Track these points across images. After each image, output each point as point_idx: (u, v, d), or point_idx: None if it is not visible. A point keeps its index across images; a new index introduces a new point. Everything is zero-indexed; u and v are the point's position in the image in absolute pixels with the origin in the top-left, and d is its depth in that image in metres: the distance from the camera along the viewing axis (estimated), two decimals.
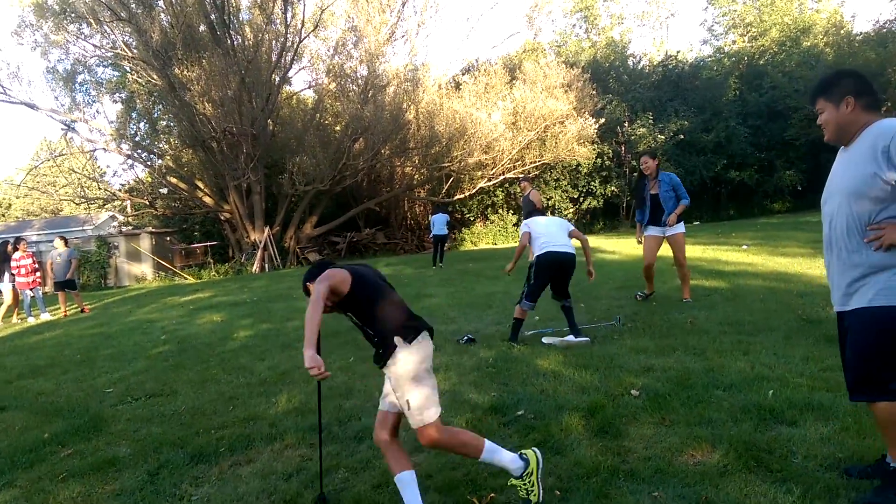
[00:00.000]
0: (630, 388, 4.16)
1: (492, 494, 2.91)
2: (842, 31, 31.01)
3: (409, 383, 2.68)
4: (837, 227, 2.53)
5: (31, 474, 3.72)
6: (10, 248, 12.94)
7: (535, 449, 2.92)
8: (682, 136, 24.88)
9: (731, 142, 25.93)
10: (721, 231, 17.77)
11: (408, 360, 2.69)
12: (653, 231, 7.21)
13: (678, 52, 31.35)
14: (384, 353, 2.72)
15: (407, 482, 2.73)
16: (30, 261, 12.74)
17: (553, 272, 5.89)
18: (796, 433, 3.22)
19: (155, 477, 3.54)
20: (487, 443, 2.82)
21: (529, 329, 6.52)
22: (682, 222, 7.14)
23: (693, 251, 11.14)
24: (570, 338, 5.64)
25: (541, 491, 2.80)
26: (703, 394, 3.93)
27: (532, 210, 7.05)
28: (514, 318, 6.02)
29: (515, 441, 3.52)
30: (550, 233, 5.98)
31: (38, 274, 13.06)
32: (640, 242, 7.48)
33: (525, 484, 2.79)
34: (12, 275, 12.70)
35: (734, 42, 34.78)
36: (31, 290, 12.60)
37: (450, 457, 3.35)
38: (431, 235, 15.70)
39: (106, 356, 7.40)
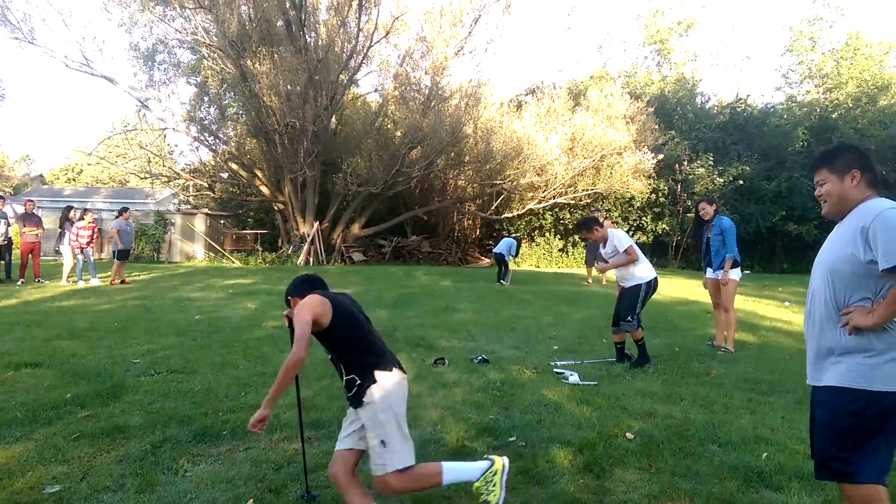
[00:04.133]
0: (626, 431, 4.19)
1: None
2: None
3: (389, 422, 2.62)
4: (817, 303, 2.53)
5: (48, 430, 3.99)
6: (73, 212, 13.69)
7: (506, 458, 2.94)
8: (741, 182, 24.35)
9: (793, 193, 25.22)
10: (768, 284, 17.34)
11: (388, 396, 2.64)
12: (710, 274, 7.43)
13: (748, 95, 30.73)
14: (361, 389, 2.66)
15: None
16: (90, 232, 13.45)
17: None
18: (778, 499, 3.21)
19: (158, 449, 3.75)
20: (444, 464, 2.83)
21: (549, 358, 6.58)
22: (738, 268, 7.27)
23: (735, 302, 10.94)
24: (576, 377, 5.65)
25: (503, 494, 2.81)
26: (697, 447, 3.93)
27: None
28: (637, 342, 6.42)
29: None
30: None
31: (94, 239, 13.80)
32: (705, 287, 7.70)
33: (486, 484, 2.79)
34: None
35: (808, 92, 33.89)
36: (81, 252, 13.25)
37: None
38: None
39: (141, 328, 7.76)
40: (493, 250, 16.54)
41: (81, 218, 13.46)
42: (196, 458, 3.64)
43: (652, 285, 6.46)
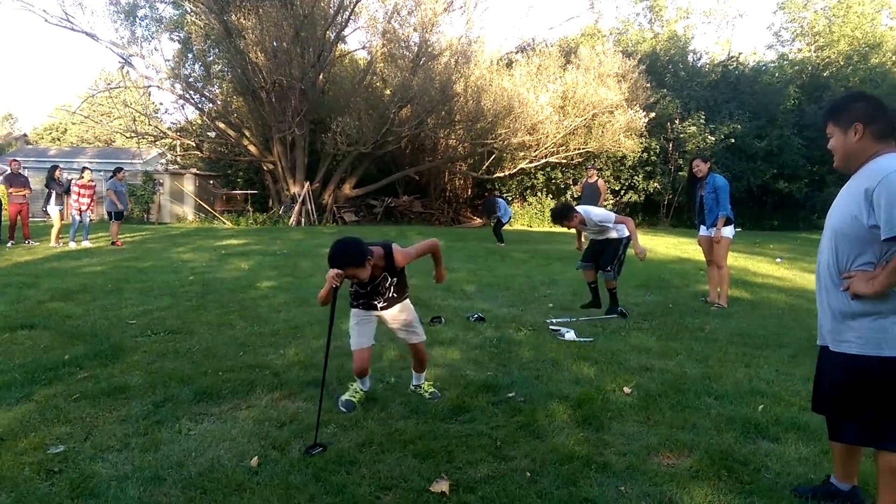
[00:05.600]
0: (624, 385, 4.24)
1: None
2: None
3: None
4: (822, 265, 2.49)
5: (48, 391, 3.97)
6: (58, 172, 13.48)
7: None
8: (732, 140, 24.30)
9: (784, 151, 25.23)
10: (759, 241, 17.46)
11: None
12: (703, 232, 7.45)
13: (740, 53, 30.43)
14: (399, 296, 3.88)
15: None
16: (90, 191, 13.31)
17: None
18: (775, 449, 3.26)
19: (159, 408, 3.75)
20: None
21: (544, 316, 6.62)
22: (730, 226, 7.28)
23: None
24: (572, 334, 5.68)
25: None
26: (694, 400, 3.99)
27: (594, 199, 7.37)
28: (611, 291, 6.69)
29: (500, 420, 3.63)
30: None
31: (93, 201, 13.67)
32: (699, 244, 7.73)
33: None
34: (59, 197, 13.28)
35: (799, 50, 33.60)
36: (79, 214, 13.11)
37: (432, 426, 3.50)
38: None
39: (135, 289, 7.72)
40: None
41: (81, 176, 13.28)
42: (198, 417, 3.65)
43: (628, 242, 6.60)
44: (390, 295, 3.82)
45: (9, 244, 12.65)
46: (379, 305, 3.83)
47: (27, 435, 3.30)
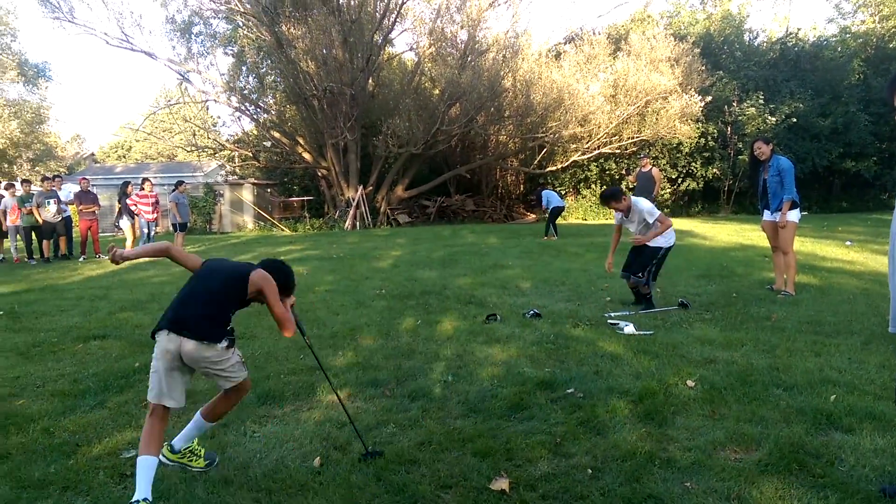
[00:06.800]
0: (687, 379, 4.13)
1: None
2: None
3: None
4: (894, 247, 2.35)
5: (120, 398, 4.15)
6: (130, 188, 14.10)
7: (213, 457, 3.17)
8: (794, 120, 23.32)
9: (850, 129, 24.05)
10: (828, 224, 16.74)
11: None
12: (768, 217, 7.19)
13: (799, 29, 29.19)
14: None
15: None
16: (153, 200, 13.90)
17: None
18: (849, 441, 3.12)
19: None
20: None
21: (602, 310, 6.53)
22: (796, 209, 7.02)
23: (794, 244, 10.63)
24: (632, 328, 5.57)
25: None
26: (762, 391, 3.85)
27: (649, 189, 7.33)
28: (646, 295, 6.52)
29: (560, 416, 3.59)
30: None
31: (157, 211, 14.27)
32: (763, 230, 7.50)
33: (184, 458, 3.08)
34: (130, 213, 13.90)
35: (863, 22, 31.98)
36: (146, 226, 13.73)
37: (490, 424, 3.49)
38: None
39: None
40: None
41: (142, 188, 13.87)
42: (262, 420, 3.75)
43: (671, 251, 6.61)
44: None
45: (81, 259, 13.29)
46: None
47: (101, 440, 3.45)
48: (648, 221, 6.42)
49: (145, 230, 13.73)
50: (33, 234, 13.34)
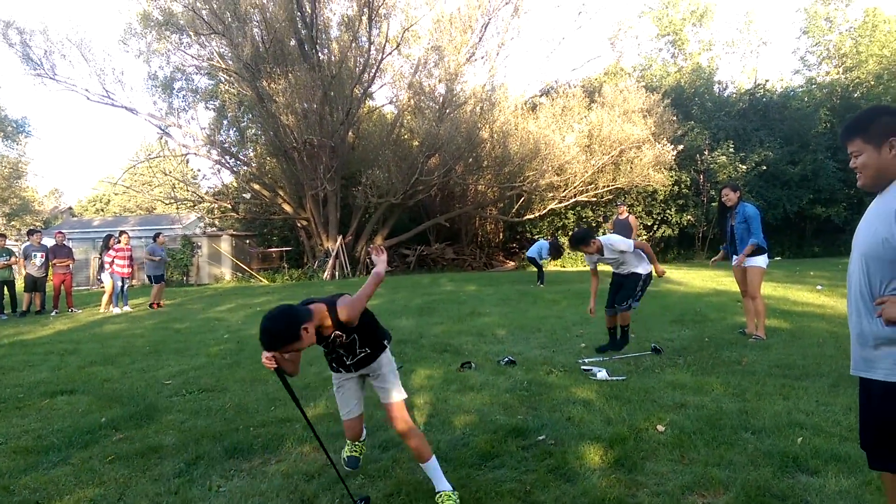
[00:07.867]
0: (657, 423, 4.14)
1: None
2: None
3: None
4: (853, 288, 2.35)
5: (84, 454, 4.07)
6: (112, 241, 13.99)
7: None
8: (765, 168, 24.00)
9: (819, 176, 24.77)
10: (800, 269, 17.01)
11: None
12: (736, 262, 7.31)
13: (766, 80, 30.29)
14: (373, 350, 3.32)
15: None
16: (128, 254, 13.76)
17: None
18: (815, 483, 3.15)
19: (191, 466, 3.80)
20: (434, 458, 3.22)
21: (576, 356, 6.55)
22: (763, 255, 7.14)
23: (764, 288, 10.75)
24: (605, 374, 5.60)
25: None
26: (731, 435, 3.88)
27: (626, 236, 7.47)
28: (623, 327, 6.61)
29: (531, 464, 3.58)
30: None
31: (132, 266, 14.10)
32: (712, 263, 7.97)
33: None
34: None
35: (827, 73, 33.28)
36: (121, 280, 13.52)
37: (461, 473, 3.46)
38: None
39: (172, 350, 7.89)
40: (526, 254, 16.29)
41: (118, 241, 13.73)
42: (229, 474, 3.69)
43: (649, 279, 6.55)
44: (359, 350, 3.30)
45: (53, 313, 13.07)
46: (349, 363, 3.35)
47: (62, 498, 3.37)
48: (629, 256, 6.39)
49: (118, 283, 13.51)
50: (5, 288, 13.14)
